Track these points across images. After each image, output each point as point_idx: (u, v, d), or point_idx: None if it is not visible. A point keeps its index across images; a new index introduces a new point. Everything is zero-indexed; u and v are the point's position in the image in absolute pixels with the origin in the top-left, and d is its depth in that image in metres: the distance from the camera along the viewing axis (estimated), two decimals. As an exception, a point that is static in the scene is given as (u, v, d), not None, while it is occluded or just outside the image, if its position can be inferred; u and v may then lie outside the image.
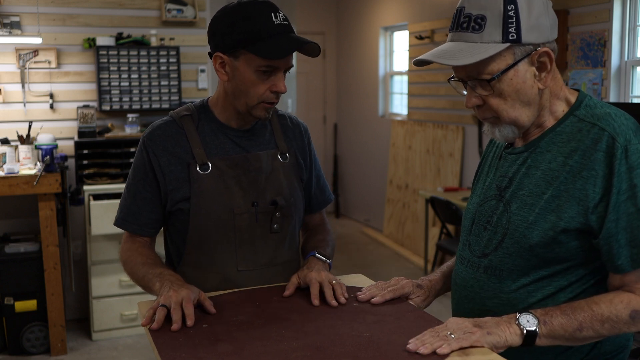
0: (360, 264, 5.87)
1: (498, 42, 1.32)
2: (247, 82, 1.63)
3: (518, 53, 1.33)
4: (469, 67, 1.35)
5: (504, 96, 1.36)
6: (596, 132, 1.33)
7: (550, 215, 1.35)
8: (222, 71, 1.67)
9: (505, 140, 1.45)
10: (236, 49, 1.62)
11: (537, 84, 1.37)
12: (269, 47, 1.58)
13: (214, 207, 1.70)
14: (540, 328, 1.29)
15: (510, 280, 1.41)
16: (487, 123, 1.43)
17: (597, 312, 1.30)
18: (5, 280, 3.84)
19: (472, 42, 1.33)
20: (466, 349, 1.27)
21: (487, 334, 1.28)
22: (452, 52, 1.35)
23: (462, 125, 5.50)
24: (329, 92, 8.13)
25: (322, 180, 1.95)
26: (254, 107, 1.66)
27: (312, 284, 1.60)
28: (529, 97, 1.37)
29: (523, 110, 1.38)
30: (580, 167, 1.33)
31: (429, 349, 1.25)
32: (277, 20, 1.61)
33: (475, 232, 1.50)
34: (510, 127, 1.40)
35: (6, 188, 3.71)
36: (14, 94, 4.24)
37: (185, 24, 4.55)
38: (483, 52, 1.31)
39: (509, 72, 1.34)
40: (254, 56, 1.60)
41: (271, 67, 1.62)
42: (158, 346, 1.34)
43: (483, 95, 1.37)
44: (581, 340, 1.32)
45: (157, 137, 1.72)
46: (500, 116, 1.38)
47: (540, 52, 1.34)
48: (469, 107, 1.41)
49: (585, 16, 4.08)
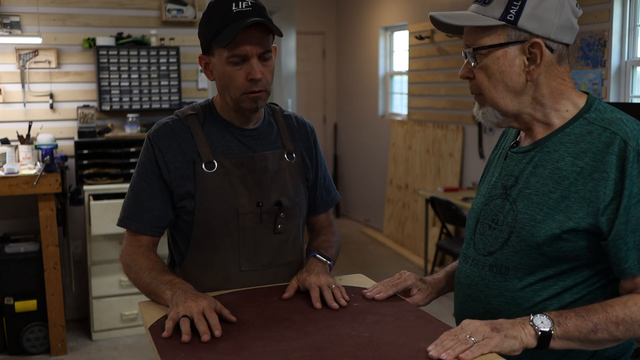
0: (360, 264, 5.87)
1: (496, 18, 1.36)
2: (224, 76, 1.66)
3: (512, 35, 1.36)
4: (468, 36, 1.41)
5: (488, 73, 1.39)
6: (608, 135, 1.34)
7: (559, 215, 1.35)
8: (208, 71, 1.73)
9: (489, 123, 1.47)
10: (209, 47, 1.67)
11: (526, 74, 1.38)
12: (225, 35, 1.61)
13: (219, 206, 1.69)
14: (554, 329, 1.29)
15: (516, 278, 1.41)
16: (476, 102, 1.47)
17: (612, 314, 1.30)
18: (5, 280, 3.83)
19: (477, 13, 1.39)
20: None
21: (504, 338, 1.27)
22: (453, 15, 1.41)
23: (462, 125, 5.50)
24: (329, 92, 8.13)
25: (328, 180, 1.94)
26: (239, 100, 1.68)
27: (312, 288, 1.59)
28: (514, 83, 1.39)
29: (505, 95, 1.40)
30: (591, 169, 1.33)
31: (452, 356, 1.24)
32: (237, 8, 1.63)
33: (480, 231, 1.50)
34: (493, 111, 1.43)
35: (6, 188, 3.70)
36: (14, 94, 4.24)
37: (185, 24, 4.56)
38: (477, 21, 1.37)
39: (498, 51, 1.37)
40: (220, 49, 1.64)
41: (238, 55, 1.63)
42: (158, 346, 1.34)
43: (471, 67, 1.42)
44: (596, 343, 1.32)
45: (163, 134, 1.72)
46: (483, 93, 1.42)
47: (532, 42, 1.36)
48: (460, 77, 1.46)
49: (585, 16, 4.08)
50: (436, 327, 1.40)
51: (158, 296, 1.57)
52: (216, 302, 1.48)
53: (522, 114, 1.43)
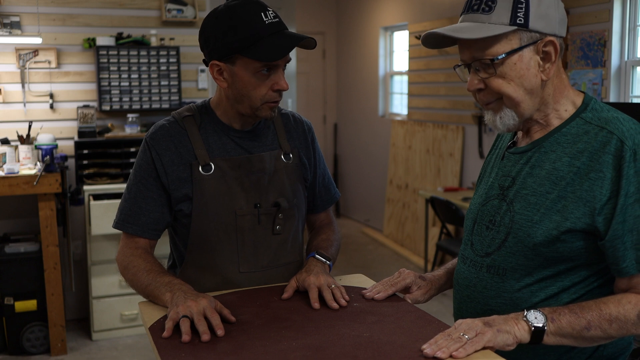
0: (360, 264, 5.87)
1: (506, 24, 1.33)
2: (247, 85, 1.62)
3: (524, 38, 1.34)
4: (474, 48, 1.36)
5: (507, 80, 1.36)
6: (604, 135, 1.34)
7: (556, 215, 1.35)
8: (221, 78, 1.66)
9: (506, 129, 1.43)
10: (231, 55, 1.60)
11: (541, 74, 1.37)
12: (265, 49, 1.57)
13: (216, 209, 1.69)
14: (548, 325, 1.29)
15: (513, 279, 1.41)
16: (489, 111, 1.43)
17: (605, 312, 1.30)
18: (5, 280, 3.83)
19: (480, 22, 1.35)
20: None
21: (497, 332, 1.27)
22: (459, 29, 1.37)
23: (462, 125, 5.50)
24: (329, 92, 8.13)
25: (327, 178, 1.93)
26: (258, 109, 1.65)
27: (311, 289, 1.59)
28: (532, 85, 1.37)
29: (524, 97, 1.38)
30: (587, 168, 1.33)
31: (447, 353, 1.24)
32: (268, 19, 1.59)
33: (478, 232, 1.50)
34: (511, 113, 1.39)
35: (6, 188, 3.70)
36: (14, 94, 4.24)
37: (185, 24, 4.56)
38: (489, 30, 1.33)
39: (514, 56, 1.35)
40: (251, 60, 1.59)
41: (270, 66, 1.61)
42: (158, 346, 1.34)
43: (485, 78, 1.38)
44: (589, 340, 1.32)
45: (160, 137, 1.71)
46: (504, 95, 1.38)
47: (546, 41, 1.35)
48: (470, 91, 1.42)
49: (585, 16, 4.08)
50: (436, 327, 1.40)
51: (157, 298, 1.56)
52: (216, 301, 1.48)
53: (532, 115, 1.42)
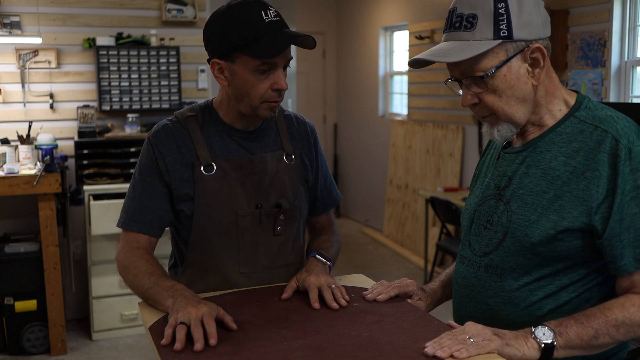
0: (360, 264, 5.87)
1: (490, 39, 1.33)
2: (247, 84, 1.62)
3: (510, 49, 1.34)
4: (462, 66, 1.36)
5: (498, 93, 1.37)
6: (599, 133, 1.34)
7: (553, 215, 1.35)
8: (222, 77, 1.67)
9: (504, 139, 1.45)
10: (231, 53, 1.61)
11: (531, 80, 1.37)
12: (263, 46, 1.57)
13: (218, 209, 1.69)
14: (557, 340, 1.28)
15: (512, 279, 1.41)
16: (486, 123, 1.44)
17: (611, 318, 1.30)
18: (5, 280, 3.83)
19: (464, 41, 1.35)
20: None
21: (505, 345, 1.26)
22: (445, 50, 1.36)
23: (462, 125, 5.50)
24: (329, 92, 8.13)
25: (329, 181, 1.93)
26: (257, 108, 1.65)
27: (311, 289, 1.59)
28: (524, 93, 1.38)
29: (519, 107, 1.38)
30: (583, 168, 1.34)
31: (447, 353, 1.23)
32: (269, 18, 1.60)
33: (475, 232, 1.50)
34: (508, 125, 1.40)
35: (6, 188, 3.70)
36: (14, 94, 4.24)
37: (185, 24, 4.56)
38: (474, 49, 1.33)
39: (502, 68, 1.35)
40: (250, 58, 1.59)
41: (269, 64, 1.61)
42: (158, 346, 1.34)
43: (478, 93, 1.38)
44: (598, 348, 1.31)
45: (162, 136, 1.71)
46: (497, 113, 1.39)
47: (533, 48, 1.35)
48: (465, 106, 1.43)
49: (585, 16, 4.08)
50: (436, 328, 1.40)
51: (158, 302, 1.54)
52: (219, 309, 1.44)
53: (528, 119, 1.42)
